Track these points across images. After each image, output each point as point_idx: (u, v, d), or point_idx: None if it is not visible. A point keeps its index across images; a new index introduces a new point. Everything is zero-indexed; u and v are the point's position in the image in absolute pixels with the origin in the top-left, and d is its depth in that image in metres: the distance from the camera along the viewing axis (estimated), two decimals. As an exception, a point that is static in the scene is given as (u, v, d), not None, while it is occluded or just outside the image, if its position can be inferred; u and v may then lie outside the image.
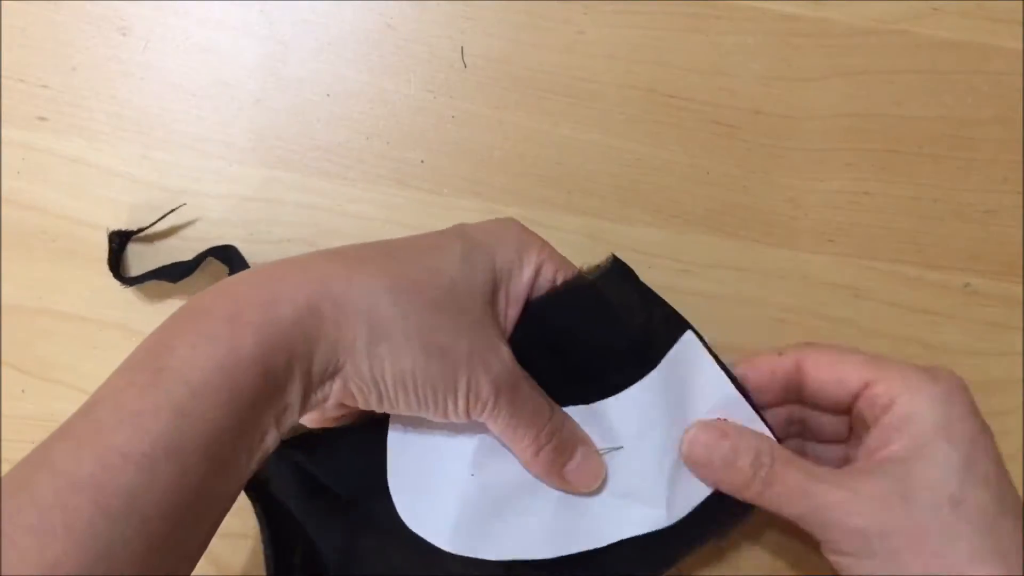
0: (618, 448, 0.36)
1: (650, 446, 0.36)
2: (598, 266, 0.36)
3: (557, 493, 0.35)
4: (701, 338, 0.36)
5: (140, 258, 0.38)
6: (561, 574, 0.35)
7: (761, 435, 0.35)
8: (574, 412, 0.36)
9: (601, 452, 0.36)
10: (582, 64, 0.41)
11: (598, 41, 0.41)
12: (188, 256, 0.38)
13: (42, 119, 0.39)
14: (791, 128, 0.41)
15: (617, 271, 0.36)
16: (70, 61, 0.39)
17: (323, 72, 0.40)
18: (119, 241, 0.38)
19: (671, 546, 0.36)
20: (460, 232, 0.34)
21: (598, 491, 0.36)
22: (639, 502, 0.36)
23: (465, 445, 0.35)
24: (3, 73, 0.39)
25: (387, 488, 0.35)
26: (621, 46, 0.41)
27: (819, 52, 0.42)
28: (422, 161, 0.40)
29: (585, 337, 0.36)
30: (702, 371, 0.36)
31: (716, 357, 0.36)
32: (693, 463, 0.35)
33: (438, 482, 0.35)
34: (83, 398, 0.38)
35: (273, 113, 0.40)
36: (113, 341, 0.38)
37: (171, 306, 0.38)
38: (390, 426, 0.35)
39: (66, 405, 0.38)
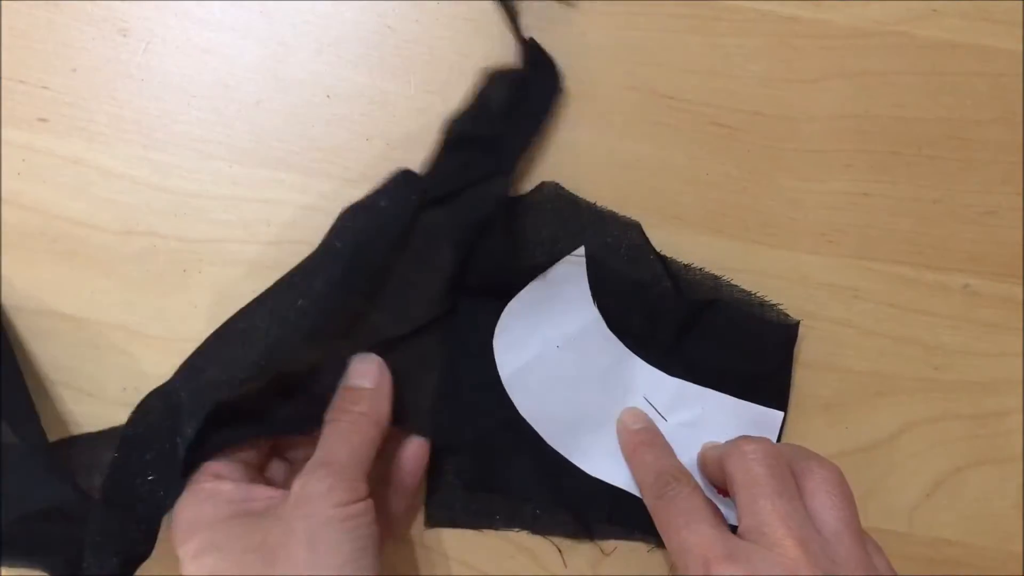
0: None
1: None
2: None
3: (605, 416, 0.39)
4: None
5: (140, 259, 0.39)
6: (542, 463, 0.39)
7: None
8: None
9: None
10: (582, 65, 0.41)
11: (598, 42, 0.41)
12: (187, 258, 0.38)
13: (42, 120, 0.39)
14: (791, 129, 0.41)
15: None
16: (70, 62, 0.39)
17: (323, 73, 0.40)
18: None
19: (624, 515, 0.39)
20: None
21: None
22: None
23: (570, 323, 0.39)
24: (3, 74, 0.39)
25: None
26: (621, 47, 0.41)
27: (819, 53, 0.42)
28: (423, 162, 0.40)
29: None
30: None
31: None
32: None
33: (533, 332, 0.39)
34: (83, 399, 0.38)
35: (273, 114, 0.40)
36: (114, 342, 0.38)
37: (172, 307, 0.38)
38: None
39: (66, 406, 0.38)
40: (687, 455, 0.38)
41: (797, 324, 0.40)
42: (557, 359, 0.39)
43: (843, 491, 0.33)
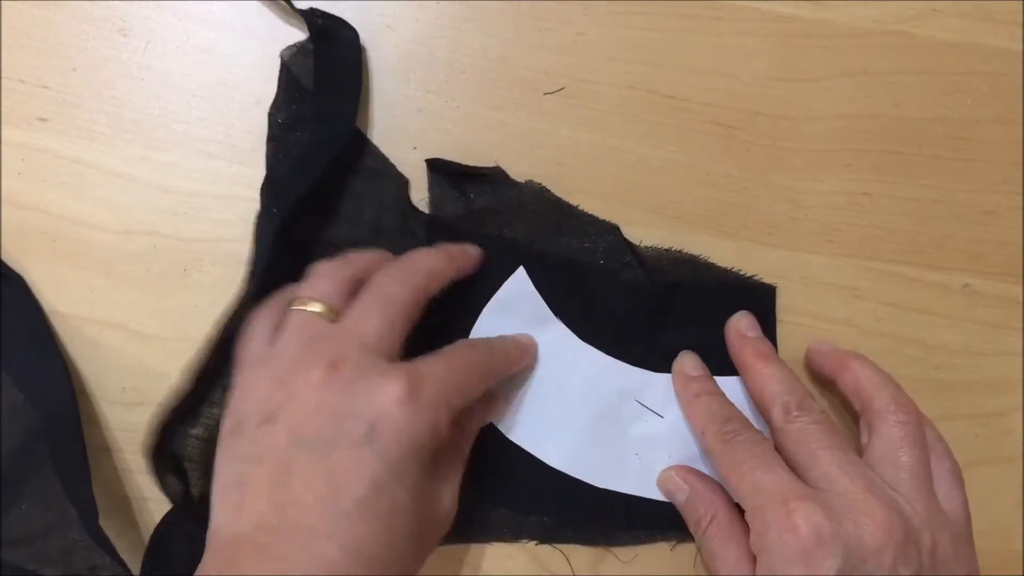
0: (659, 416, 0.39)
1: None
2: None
3: (602, 428, 0.39)
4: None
5: (140, 259, 0.39)
6: (550, 487, 0.39)
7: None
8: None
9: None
10: (582, 64, 0.41)
11: (598, 42, 0.41)
12: (187, 258, 0.38)
13: (42, 120, 0.39)
14: (791, 129, 0.41)
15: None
16: (70, 62, 0.39)
17: (323, 73, 0.40)
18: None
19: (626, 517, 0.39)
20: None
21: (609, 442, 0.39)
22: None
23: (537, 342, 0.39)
24: (3, 74, 0.39)
25: None
26: (621, 47, 0.41)
27: (819, 53, 0.42)
28: (422, 162, 0.40)
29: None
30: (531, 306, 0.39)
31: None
32: (663, 491, 0.39)
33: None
34: (83, 399, 0.38)
35: (273, 114, 0.40)
36: (113, 342, 0.38)
37: (172, 307, 0.38)
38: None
39: (66, 406, 0.38)
40: (695, 447, 0.39)
41: (774, 289, 0.40)
42: (534, 379, 0.39)
43: (909, 439, 0.35)
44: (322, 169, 0.37)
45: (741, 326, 0.39)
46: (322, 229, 0.38)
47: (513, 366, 0.37)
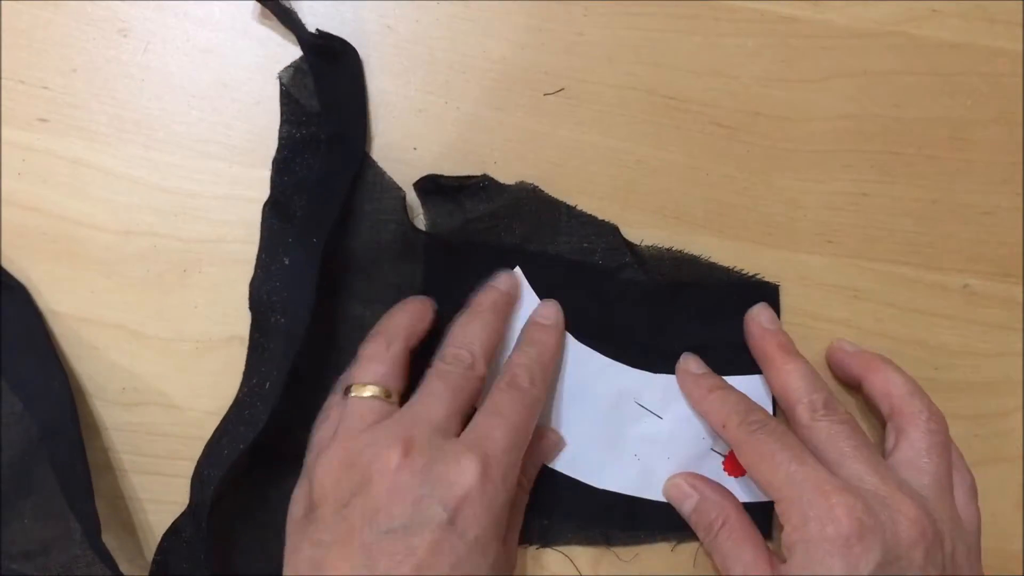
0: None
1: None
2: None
3: (602, 429, 0.39)
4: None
5: (140, 259, 0.39)
6: (550, 488, 0.38)
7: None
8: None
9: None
10: (582, 65, 0.41)
11: (598, 42, 0.41)
12: (187, 259, 0.38)
13: (42, 120, 0.39)
14: (790, 129, 0.41)
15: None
16: (70, 62, 0.39)
17: (323, 73, 0.40)
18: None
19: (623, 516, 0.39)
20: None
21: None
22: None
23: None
24: (3, 74, 0.39)
25: None
26: (621, 47, 0.41)
27: (819, 54, 0.42)
28: (422, 162, 0.40)
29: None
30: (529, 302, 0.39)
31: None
32: (669, 499, 0.39)
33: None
34: (83, 399, 0.38)
35: (273, 114, 0.39)
36: (113, 342, 0.38)
37: (172, 307, 0.38)
38: None
39: (66, 406, 0.38)
40: (693, 448, 0.39)
41: (777, 287, 0.40)
42: None
43: (937, 448, 0.36)
44: (345, 194, 0.37)
45: (763, 319, 0.39)
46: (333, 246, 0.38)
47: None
